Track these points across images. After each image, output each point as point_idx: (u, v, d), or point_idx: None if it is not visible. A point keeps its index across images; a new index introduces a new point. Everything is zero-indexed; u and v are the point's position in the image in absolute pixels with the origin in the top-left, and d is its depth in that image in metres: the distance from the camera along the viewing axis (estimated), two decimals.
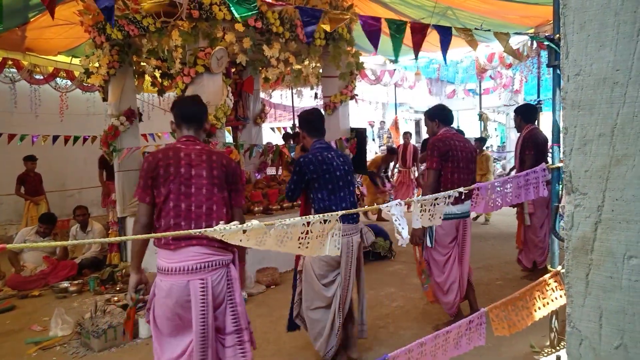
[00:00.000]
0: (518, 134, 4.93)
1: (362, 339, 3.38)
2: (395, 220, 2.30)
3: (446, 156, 3.50)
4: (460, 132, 5.14)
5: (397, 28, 3.88)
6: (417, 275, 3.69)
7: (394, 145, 10.35)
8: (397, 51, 4.01)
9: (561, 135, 1.06)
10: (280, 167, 8.04)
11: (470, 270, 3.73)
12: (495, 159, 11.20)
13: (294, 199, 3.18)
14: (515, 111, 4.92)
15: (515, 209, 4.93)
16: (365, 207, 3.04)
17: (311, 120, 3.23)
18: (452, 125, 3.80)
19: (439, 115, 3.72)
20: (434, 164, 3.52)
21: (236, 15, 3.77)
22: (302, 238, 1.98)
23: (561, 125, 1.05)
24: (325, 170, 3.01)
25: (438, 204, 2.75)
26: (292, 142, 7.89)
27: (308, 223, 1.98)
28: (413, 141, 14.57)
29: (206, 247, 2.24)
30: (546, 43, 2.91)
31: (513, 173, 5.78)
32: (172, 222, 2.26)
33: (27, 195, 7.54)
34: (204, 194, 2.29)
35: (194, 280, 2.22)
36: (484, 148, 8.43)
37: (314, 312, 3.12)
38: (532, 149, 4.54)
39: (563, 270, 1.34)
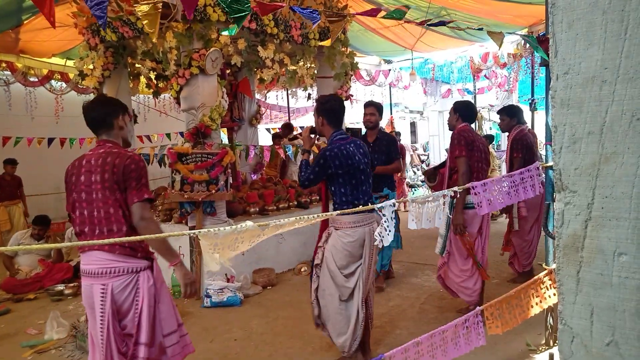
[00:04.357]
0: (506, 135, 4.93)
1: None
2: (384, 222, 2.27)
3: (471, 145, 3.66)
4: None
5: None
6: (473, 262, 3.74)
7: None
8: None
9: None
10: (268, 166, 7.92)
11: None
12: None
13: (308, 187, 3.14)
14: (506, 111, 4.84)
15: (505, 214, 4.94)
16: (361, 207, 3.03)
17: (336, 110, 3.14)
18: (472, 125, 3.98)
19: (462, 111, 3.85)
20: (463, 152, 3.64)
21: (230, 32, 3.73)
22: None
23: (551, 123, 1.05)
24: (349, 166, 2.98)
25: (433, 203, 2.76)
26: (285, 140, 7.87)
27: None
28: (409, 141, 14.61)
29: (107, 252, 2.27)
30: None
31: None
32: (78, 229, 2.37)
33: (0, 200, 7.45)
34: (100, 198, 2.31)
35: (96, 284, 2.28)
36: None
37: (337, 307, 3.04)
38: (520, 152, 4.49)
39: None
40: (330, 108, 3.13)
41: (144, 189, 2.35)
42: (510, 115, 4.74)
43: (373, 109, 4.63)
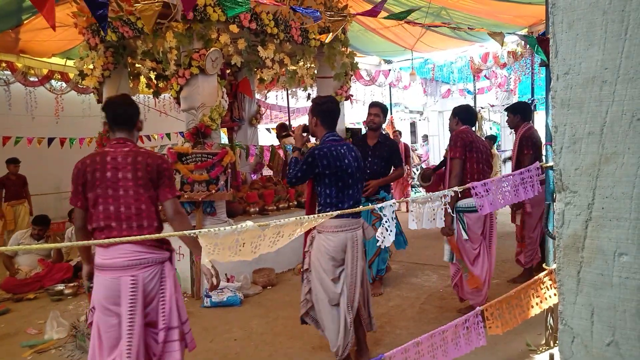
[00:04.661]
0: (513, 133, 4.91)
1: (370, 332, 3.34)
2: (385, 222, 2.27)
3: (470, 147, 3.68)
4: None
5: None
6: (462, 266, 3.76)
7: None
8: None
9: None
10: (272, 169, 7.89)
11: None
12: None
13: (294, 185, 3.15)
14: (511, 109, 4.81)
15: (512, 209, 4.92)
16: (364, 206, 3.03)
17: (331, 111, 3.13)
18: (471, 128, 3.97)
19: (461, 114, 3.90)
20: (457, 153, 3.66)
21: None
22: (291, 235, 2.01)
23: (551, 123, 1.05)
24: (338, 167, 2.95)
25: (434, 203, 2.76)
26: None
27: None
28: (409, 141, 14.59)
29: (138, 245, 2.36)
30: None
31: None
32: (103, 223, 2.41)
33: (7, 199, 7.47)
34: (131, 195, 2.41)
35: (125, 276, 2.34)
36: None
37: (329, 312, 3.00)
38: (530, 149, 4.49)
39: None
40: (326, 109, 3.12)
41: (174, 186, 2.56)
42: (513, 112, 4.72)
43: (378, 110, 4.57)
